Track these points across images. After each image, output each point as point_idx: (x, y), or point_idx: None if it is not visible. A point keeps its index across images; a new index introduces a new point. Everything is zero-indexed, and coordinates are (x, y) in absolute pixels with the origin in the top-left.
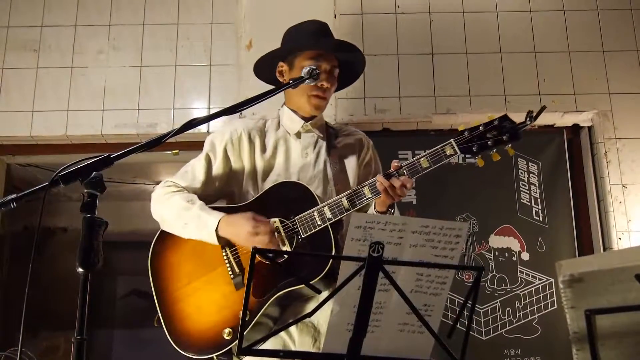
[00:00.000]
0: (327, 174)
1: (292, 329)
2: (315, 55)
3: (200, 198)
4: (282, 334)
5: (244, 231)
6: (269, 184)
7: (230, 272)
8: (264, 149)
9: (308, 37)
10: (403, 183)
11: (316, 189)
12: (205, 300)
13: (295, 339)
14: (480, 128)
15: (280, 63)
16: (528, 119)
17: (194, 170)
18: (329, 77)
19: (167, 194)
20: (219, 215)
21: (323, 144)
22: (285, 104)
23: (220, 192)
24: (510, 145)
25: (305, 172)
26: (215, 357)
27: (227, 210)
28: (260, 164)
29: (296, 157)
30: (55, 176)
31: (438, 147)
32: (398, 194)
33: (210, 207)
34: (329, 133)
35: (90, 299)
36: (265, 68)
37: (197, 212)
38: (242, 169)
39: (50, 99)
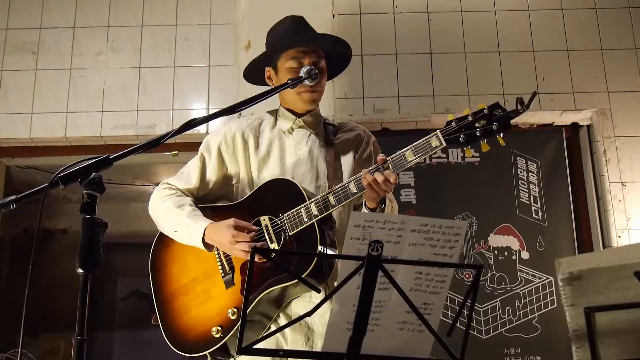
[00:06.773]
0: (320, 169)
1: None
2: (295, 54)
3: (198, 198)
4: None
5: (225, 240)
6: (264, 181)
7: (221, 271)
8: (257, 147)
9: (285, 37)
10: (386, 177)
11: (309, 185)
12: (196, 298)
13: (287, 337)
14: (469, 117)
15: (267, 68)
16: (519, 106)
17: (189, 171)
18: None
19: (162, 198)
20: (205, 223)
21: (316, 140)
22: (280, 104)
23: (218, 192)
24: (501, 135)
25: (298, 168)
26: (208, 356)
27: (218, 210)
28: (254, 162)
29: (290, 153)
30: (54, 177)
31: (423, 139)
32: (383, 188)
33: (203, 206)
34: (327, 129)
35: (90, 301)
36: (254, 75)
37: (185, 219)
38: (237, 168)
39: (49, 101)
